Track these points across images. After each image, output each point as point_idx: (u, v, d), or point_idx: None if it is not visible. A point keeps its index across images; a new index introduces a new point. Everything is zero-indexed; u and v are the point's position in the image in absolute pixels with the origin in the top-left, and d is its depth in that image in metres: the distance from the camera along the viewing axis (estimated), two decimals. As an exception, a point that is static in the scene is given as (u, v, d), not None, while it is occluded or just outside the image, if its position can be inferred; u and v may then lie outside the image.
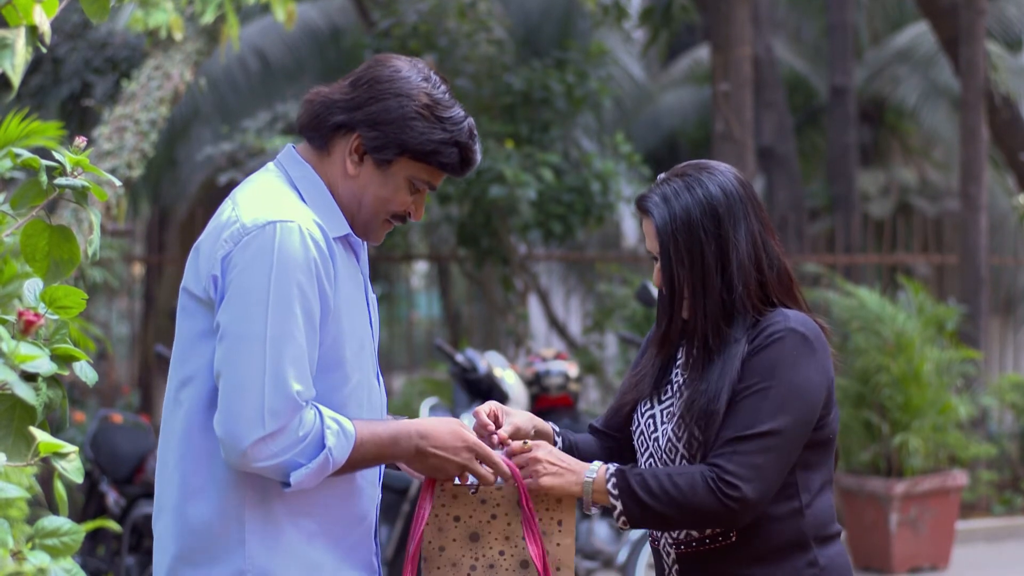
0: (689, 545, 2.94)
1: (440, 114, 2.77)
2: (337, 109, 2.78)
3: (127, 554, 7.14)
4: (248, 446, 2.59)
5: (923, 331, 9.57)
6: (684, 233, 2.93)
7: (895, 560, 9.17)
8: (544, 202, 10.21)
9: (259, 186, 2.79)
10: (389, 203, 2.81)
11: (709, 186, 2.95)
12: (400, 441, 2.75)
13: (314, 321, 2.66)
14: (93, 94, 10.07)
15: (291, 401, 2.60)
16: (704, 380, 2.90)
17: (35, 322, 2.18)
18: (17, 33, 2.26)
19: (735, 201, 2.95)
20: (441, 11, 10.33)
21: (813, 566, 2.91)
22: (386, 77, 2.78)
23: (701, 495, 2.80)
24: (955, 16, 11.34)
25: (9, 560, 1.98)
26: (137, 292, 13.63)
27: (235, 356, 2.62)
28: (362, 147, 2.77)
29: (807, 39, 16.92)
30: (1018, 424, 11.61)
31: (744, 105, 10.35)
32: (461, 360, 7.53)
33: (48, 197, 2.37)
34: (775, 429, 2.82)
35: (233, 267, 2.65)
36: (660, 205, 2.96)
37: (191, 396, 2.72)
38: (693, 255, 2.93)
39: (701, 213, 2.93)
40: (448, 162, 2.79)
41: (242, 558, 2.69)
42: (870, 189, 15.16)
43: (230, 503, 2.69)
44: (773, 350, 2.87)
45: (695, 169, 3.00)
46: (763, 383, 2.85)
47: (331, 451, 2.63)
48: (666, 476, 2.84)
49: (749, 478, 2.80)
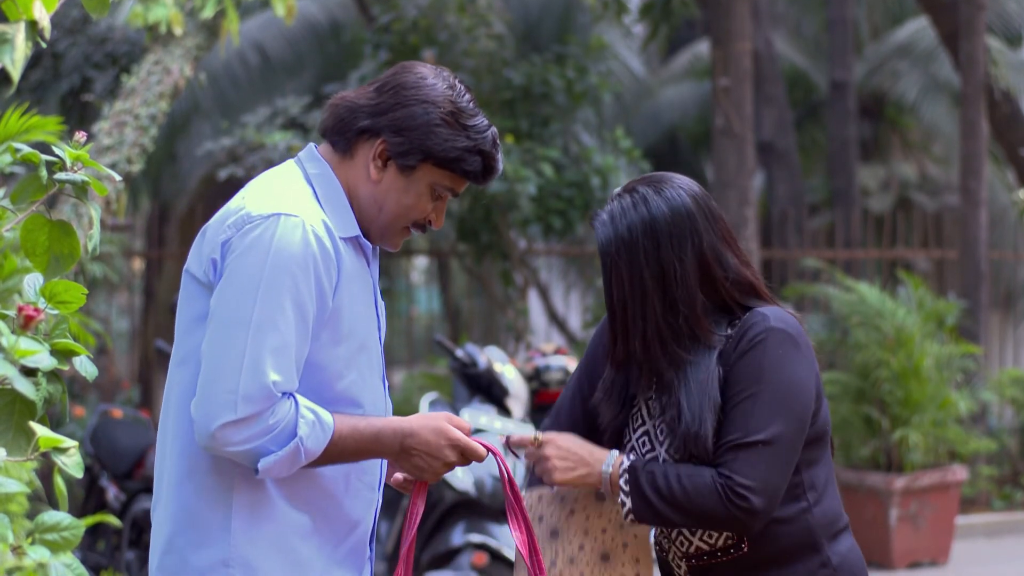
0: (700, 559, 2.91)
1: (464, 122, 2.78)
2: (362, 114, 2.79)
3: (127, 549, 7.14)
4: (216, 428, 2.59)
5: (923, 326, 9.57)
6: (625, 255, 2.86)
7: (895, 555, 9.17)
8: (544, 197, 10.21)
9: (274, 178, 2.81)
10: (411, 210, 2.81)
11: (654, 204, 2.87)
12: (383, 438, 2.74)
13: (306, 316, 2.66)
14: (93, 89, 10.07)
15: (265, 390, 2.60)
16: (675, 406, 2.84)
17: (35, 317, 2.18)
18: (17, 28, 2.26)
19: (682, 218, 2.86)
20: (441, 6, 10.32)
21: (826, 567, 2.89)
22: (412, 83, 2.79)
23: (710, 502, 2.77)
24: (955, 11, 11.34)
25: (9, 555, 1.98)
26: (137, 287, 13.63)
27: (218, 339, 2.63)
28: (386, 152, 2.78)
29: (807, 34, 16.91)
30: (1018, 419, 11.62)
31: (744, 100, 10.34)
32: (461, 355, 7.53)
33: (48, 192, 2.37)
34: (774, 436, 2.78)
35: (231, 252, 2.66)
36: (606, 225, 2.89)
37: (184, 377, 2.73)
38: (633, 278, 2.86)
39: (642, 233, 2.86)
40: (471, 170, 2.80)
41: (226, 545, 2.69)
42: (870, 184, 15.16)
43: (217, 488, 2.70)
44: (757, 352, 2.81)
45: (646, 184, 2.92)
46: (754, 387, 2.80)
47: (303, 440, 2.62)
48: (676, 478, 2.80)
49: (758, 490, 2.76)
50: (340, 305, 2.72)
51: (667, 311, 2.85)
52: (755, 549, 2.87)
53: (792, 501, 2.87)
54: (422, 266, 18.10)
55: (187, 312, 2.75)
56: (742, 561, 2.89)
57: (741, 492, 2.76)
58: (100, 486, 7.35)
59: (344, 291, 2.73)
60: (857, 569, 2.94)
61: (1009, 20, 15.34)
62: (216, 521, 2.70)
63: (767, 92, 13.47)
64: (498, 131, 11.12)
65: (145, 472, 7.13)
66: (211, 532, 2.70)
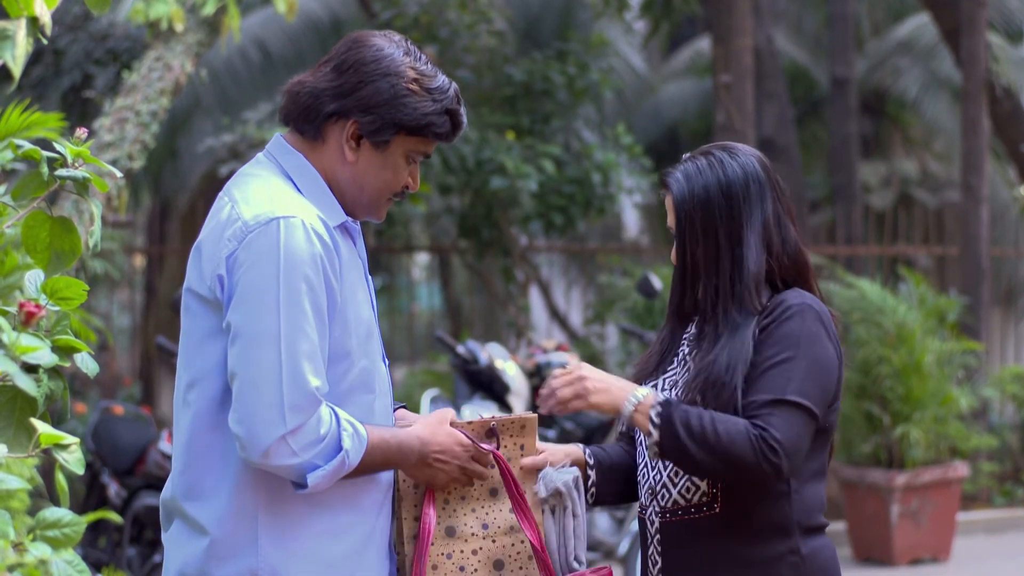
0: (675, 514, 2.93)
1: (428, 86, 2.78)
2: (327, 97, 2.77)
3: (128, 545, 7.14)
4: (270, 444, 2.58)
5: (924, 322, 9.57)
6: (701, 212, 2.95)
7: (896, 551, 9.17)
8: (545, 193, 10.21)
9: (255, 180, 2.77)
10: (391, 182, 2.82)
11: (730, 167, 2.97)
12: (404, 450, 2.75)
13: (323, 315, 2.66)
14: (94, 85, 10.06)
15: (310, 396, 2.60)
16: (713, 353, 2.89)
17: (36, 313, 2.18)
18: (18, 24, 2.26)
19: (754, 183, 2.96)
20: (442, 2, 10.32)
21: (794, 554, 2.89)
22: (371, 58, 2.77)
23: (740, 449, 2.78)
24: (956, 7, 11.33)
25: (11, 551, 1.98)
26: (138, 283, 13.64)
27: (250, 355, 2.61)
28: (359, 132, 2.77)
29: (808, 30, 16.89)
30: (1019, 415, 11.62)
31: (745, 96, 10.34)
32: (462, 352, 7.53)
33: (49, 188, 2.37)
34: (808, 402, 2.82)
35: (239, 266, 2.64)
36: (681, 182, 2.98)
37: (199, 397, 2.71)
38: (708, 234, 2.94)
39: (718, 193, 2.95)
40: (442, 131, 2.81)
41: (255, 557, 2.68)
42: (871, 180, 15.15)
43: (244, 503, 2.68)
44: (794, 323, 2.87)
45: (719, 149, 3.02)
46: (791, 352, 2.85)
47: (347, 453, 2.63)
48: (710, 420, 2.81)
49: (789, 448, 2.79)
50: (346, 296, 2.72)
51: (734, 269, 2.93)
52: (729, 518, 2.89)
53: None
54: (423, 262, 18.11)
55: (193, 331, 2.72)
56: (714, 531, 2.90)
57: (773, 446, 2.78)
58: (101, 483, 7.35)
59: (346, 281, 2.73)
60: (829, 568, 2.94)
61: (1010, 16, 15.33)
62: (243, 535, 2.68)
63: (768, 88, 13.46)
64: (499, 127, 11.12)
65: (146, 468, 7.13)
66: (239, 546, 2.68)
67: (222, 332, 2.67)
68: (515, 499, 2.89)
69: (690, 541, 2.92)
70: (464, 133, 2.99)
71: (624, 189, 10.66)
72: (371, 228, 10.66)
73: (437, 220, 11.80)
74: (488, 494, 2.92)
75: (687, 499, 2.92)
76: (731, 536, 2.89)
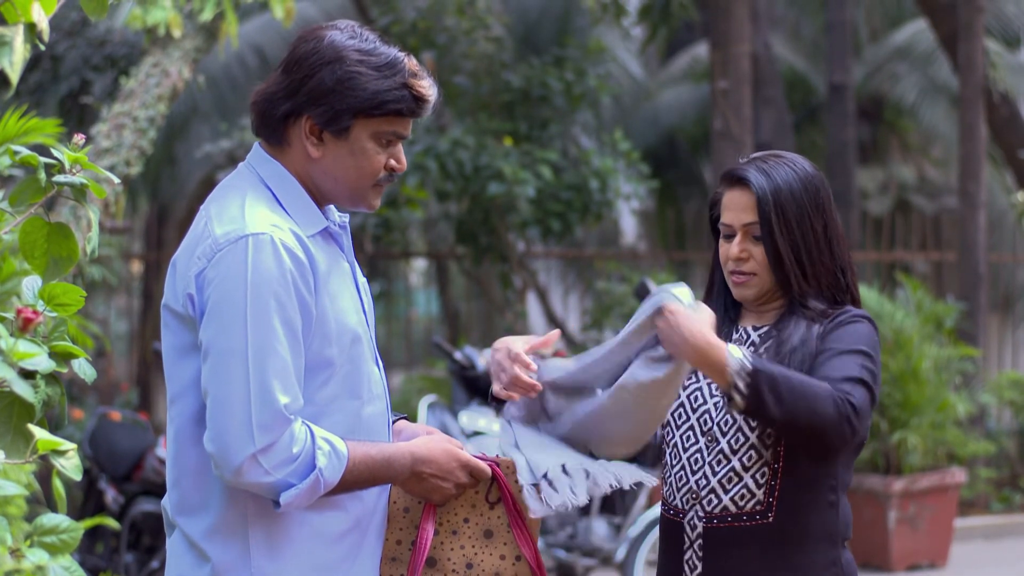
0: (724, 520, 2.88)
1: (376, 64, 2.71)
2: (279, 99, 2.74)
3: (126, 551, 7.14)
4: (241, 463, 2.56)
5: (922, 328, 9.58)
6: (790, 203, 2.91)
7: (893, 558, 9.17)
8: (543, 199, 10.21)
9: (231, 194, 2.75)
10: (365, 169, 2.75)
11: (799, 164, 2.95)
12: (394, 464, 2.71)
13: (296, 332, 2.63)
14: (92, 91, 10.07)
15: (278, 415, 2.57)
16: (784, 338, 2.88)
17: (33, 319, 2.18)
18: (16, 30, 2.26)
19: (821, 183, 2.96)
20: (440, 8, 10.33)
21: (836, 564, 2.89)
22: (311, 50, 2.73)
23: (823, 404, 2.71)
24: (954, 13, 11.34)
25: (8, 557, 1.98)
26: (136, 289, 13.63)
27: (219, 372, 2.59)
28: (316, 127, 2.72)
29: (806, 36, 16.90)
30: (1016, 421, 11.62)
31: (743, 102, 10.35)
32: (459, 357, 7.53)
33: (47, 194, 2.37)
34: (874, 389, 2.82)
35: (208, 284, 2.62)
36: (760, 177, 2.93)
37: (179, 413, 2.71)
38: (803, 226, 2.91)
39: (802, 188, 2.92)
40: (402, 106, 2.72)
41: (247, 568, 2.68)
42: (869, 186, 15.16)
43: (234, 516, 2.68)
44: (861, 326, 2.88)
45: (778, 156, 2.98)
46: (860, 346, 2.84)
47: (322, 471, 2.60)
48: (799, 383, 2.72)
49: (864, 417, 2.77)
50: (324, 308, 2.68)
51: (831, 259, 2.92)
52: (782, 521, 2.85)
53: (827, 490, 2.89)
54: (421, 268, 18.10)
55: (170, 347, 2.72)
56: (762, 531, 2.86)
57: (856, 407, 2.74)
58: (99, 488, 7.35)
59: (324, 292, 2.69)
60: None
61: (1008, 22, 15.34)
62: (235, 547, 2.68)
63: (766, 94, 13.47)
64: (497, 133, 11.10)
65: (144, 475, 7.13)
66: (232, 558, 2.68)
67: (197, 349, 2.66)
68: (512, 515, 2.83)
69: (738, 549, 2.87)
70: (461, 139, 2.97)
71: (622, 195, 10.66)
72: (369, 234, 10.67)
73: (435, 226, 11.81)
74: (482, 535, 2.84)
75: (739, 506, 2.88)
76: (782, 545, 2.86)
